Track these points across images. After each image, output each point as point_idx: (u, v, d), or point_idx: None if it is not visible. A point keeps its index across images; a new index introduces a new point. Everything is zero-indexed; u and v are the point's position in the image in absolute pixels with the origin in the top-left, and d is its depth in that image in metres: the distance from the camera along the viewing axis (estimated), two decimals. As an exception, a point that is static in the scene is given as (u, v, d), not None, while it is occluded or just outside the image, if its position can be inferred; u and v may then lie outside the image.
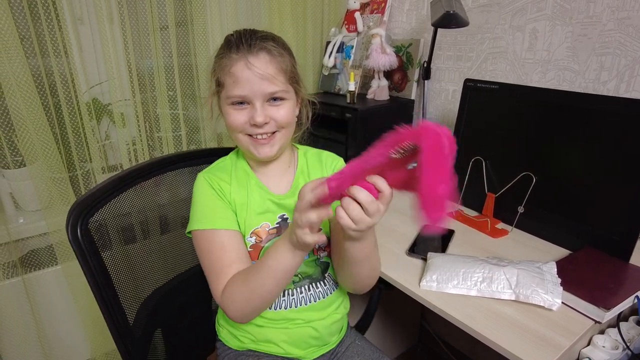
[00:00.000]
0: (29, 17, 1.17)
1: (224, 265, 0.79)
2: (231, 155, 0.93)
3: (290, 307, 0.87)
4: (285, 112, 0.81)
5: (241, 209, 0.84)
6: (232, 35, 0.81)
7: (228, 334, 0.92)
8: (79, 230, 0.76)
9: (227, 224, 0.82)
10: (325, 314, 0.90)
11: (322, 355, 0.93)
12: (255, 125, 0.79)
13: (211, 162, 0.93)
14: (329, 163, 0.94)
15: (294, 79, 0.84)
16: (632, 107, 0.91)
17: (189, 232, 0.84)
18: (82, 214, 0.78)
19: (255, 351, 0.90)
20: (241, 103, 0.79)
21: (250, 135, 0.81)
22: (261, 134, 0.81)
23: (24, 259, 1.35)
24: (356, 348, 0.96)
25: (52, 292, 1.40)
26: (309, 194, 0.60)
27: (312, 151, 0.97)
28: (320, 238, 0.64)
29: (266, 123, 0.79)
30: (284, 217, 0.87)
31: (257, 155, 0.83)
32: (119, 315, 0.83)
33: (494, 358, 1.64)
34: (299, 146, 0.96)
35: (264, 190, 0.87)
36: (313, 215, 0.60)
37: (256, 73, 0.76)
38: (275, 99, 0.80)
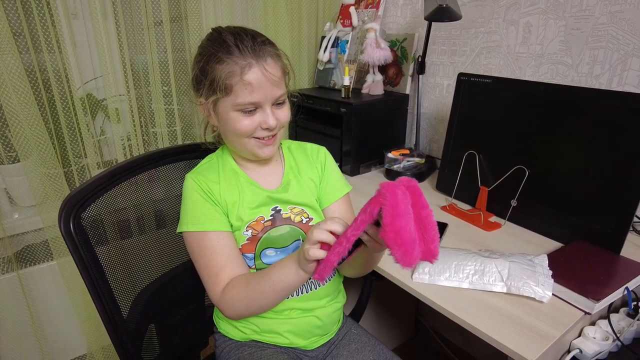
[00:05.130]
0: (22, 12, 1.17)
1: (217, 268, 0.81)
2: (217, 153, 0.93)
3: (292, 296, 0.89)
4: (287, 112, 0.85)
5: (233, 207, 0.85)
6: (223, 35, 0.79)
7: (229, 325, 0.92)
8: (71, 225, 0.77)
9: (217, 225, 0.83)
10: (326, 302, 0.93)
11: (323, 345, 0.95)
12: (268, 129, 0.81)
13: (202, 157, 0.94)
14: (315, 155, 0.97)
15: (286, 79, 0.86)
16: (624, 100, 0.91)
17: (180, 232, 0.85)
18: (74, 208, 0.78)
19: (258, 341, 0.91)
20: (251, 110, 0.79)
21: (256, 138, 0.83)
22: (268, 136, 0.83)
23: (19, 255, 1.35)
24: (352, 336, 0.98)
25: (48, 288, 1.40)
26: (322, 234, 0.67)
27: (294, 144, 0.99)
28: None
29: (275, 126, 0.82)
30: (277, 208, 0.88)
31: (262, 156, 0.85)
32: (112, 308, 0.83)
33: (489, 351, 1.65)
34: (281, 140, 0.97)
35: (255, 186, 0.88)
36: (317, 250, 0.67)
37: (269, 79, 0.78)
38: (279, 101, 0.82)
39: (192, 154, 1.04)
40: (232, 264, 0.82)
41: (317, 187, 0.94)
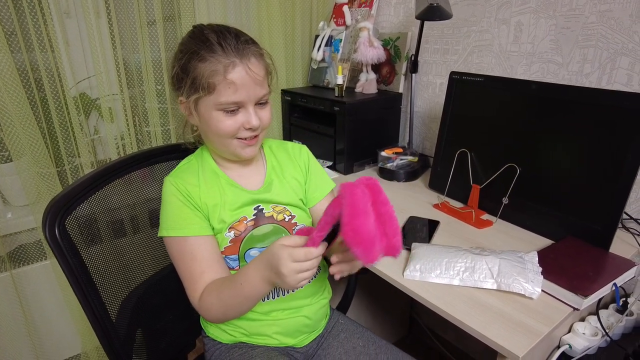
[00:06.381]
0: (13, 11, 1.16)
1: (196, 274, 0.80)
2: (197, 154, 0.92)
3: (278, 297, 0.88)
4: (270, 113, 0.84)
5: (215, 210, 0.84)
6: (206, 32, 0.78)
7: (217, 329, 0.92)
8: (56, 230, 0.76)
9: (196, 230, 0.81)
10: (313, 300, 0.93)
11: (313, 341, 0.95)
12: (251, 129, 0.80)
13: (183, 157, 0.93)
14: (297, 155, 0.97)
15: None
16: (614, 99, 0.92)
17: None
18: (58, 214, 0.77)
19: (247, 343, 0.91)
20: (233, 110, 0.79)
21: (239, 138, 0.82)
22: (251, 136, 0.82)
23: (12, 254, 1.35)
24: (340, 326, 1.00)
25: (42, 287, 1.40)
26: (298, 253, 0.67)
27: (275, 144, 0.98)
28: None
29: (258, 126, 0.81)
30: (259, 207, 0.88)
31: (244, 156, 0.84)
32: (102, 314, 0.83)
33: (482, 348, 1.66)
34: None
35: (237, 188, 0.87)
36: (304, 275, 0.69)
37: (253, 78, 0.77)
38: (262, 101, 0.82)
39: (174, 154, 1.02)
40: (211, 269, 0.81)
41: (302, 186, 0.94)
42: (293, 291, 0.90)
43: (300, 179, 0.94)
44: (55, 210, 0.78)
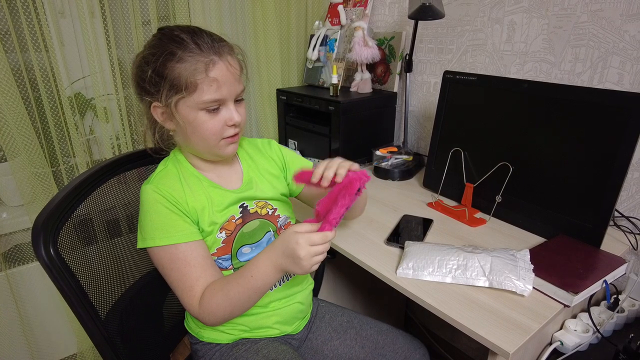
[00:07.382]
0: (7, 11, 1.16)
1: (192, 280, 0.79)
2: (171, 159, 0.89)
3: (275, 287, 0.91)
4: (245, 109, 0.85)
5: (204, 213, 0.83)
6: (177, 33, 0.76)
7: (215, 331, 0.91)
8: (52, 251, 0.74)
9: (187, 236, 0.80)
10: (304, 286, 0.97)
11: (305, 327, 0.99)
12: (234, 126, 0.81)
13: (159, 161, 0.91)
14: (267, 149, 0.99)
15: None
16: (605, 97, 0.93)
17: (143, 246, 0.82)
18: (50, 234, 0.75)
19: (249, 338, 0.92)
20: (215, 108, 0.78)
21: (224, 138, 0.81)
22: (234, 134, 0.82)
23: (7, 254, 1.35)
24: (322, 309, 1.06)
25: (37, 287, 1.40)
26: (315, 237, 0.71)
27: (245, 141, 0.99)
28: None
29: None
30: (244, 205, 0.89)
31: (227, 154, 0.84)
32: (106, 334, 0.82)
33: (476, 345, 1.67)
34: None
35: (220, 189, 0.87)
36: (319, 257, 0.73)
37: (233, 74, 0.78)
38: (239, 98, 0.82)
39: (148, 158, 0.99)
40: (206, 273, 0.80)
41: (279, 178, 0.96)
42: (288, 279, 0.93)
43: (276, 172, 0.96)
44: (46, 230, 0.75)
